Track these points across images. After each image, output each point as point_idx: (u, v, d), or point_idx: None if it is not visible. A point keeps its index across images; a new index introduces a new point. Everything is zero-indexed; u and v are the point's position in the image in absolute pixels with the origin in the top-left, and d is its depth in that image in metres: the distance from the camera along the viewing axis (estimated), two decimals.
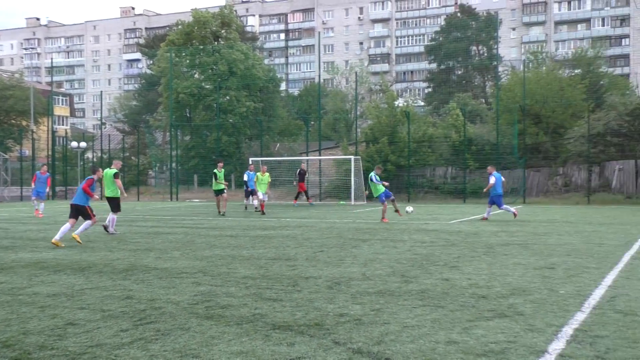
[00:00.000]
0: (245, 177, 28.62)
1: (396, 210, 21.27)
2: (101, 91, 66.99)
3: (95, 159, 54.35)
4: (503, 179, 21.73)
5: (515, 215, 20.82)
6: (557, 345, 5.76)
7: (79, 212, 14.58)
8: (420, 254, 12.16)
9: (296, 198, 32.29)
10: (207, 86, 53.54)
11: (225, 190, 25.11)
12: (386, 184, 20.85)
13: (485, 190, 22.05)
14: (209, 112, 53.17)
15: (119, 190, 17.34)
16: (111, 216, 17.14)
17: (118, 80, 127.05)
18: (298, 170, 32.56)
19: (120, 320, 7.03)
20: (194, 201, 38.49)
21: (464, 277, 9.42)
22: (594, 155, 32.40)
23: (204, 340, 6.14)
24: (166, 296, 8.33)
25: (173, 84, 49.01)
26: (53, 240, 14.02)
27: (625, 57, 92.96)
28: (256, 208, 26.87)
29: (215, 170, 25.19)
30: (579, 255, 11.85)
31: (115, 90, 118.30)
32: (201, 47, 54.46)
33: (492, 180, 20.95)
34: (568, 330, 6.28)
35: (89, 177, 15.09)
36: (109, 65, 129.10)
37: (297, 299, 7.99)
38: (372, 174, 20.90)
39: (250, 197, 28.39)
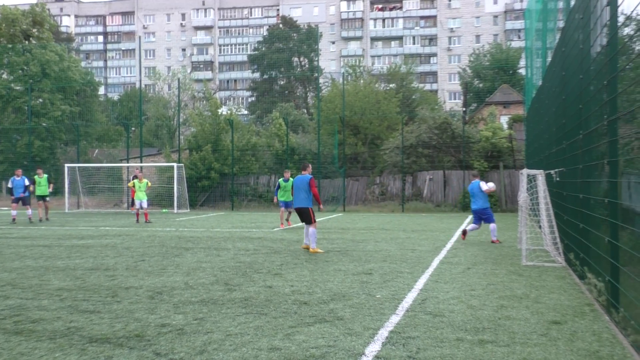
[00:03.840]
0: (10, 184, 24.96)
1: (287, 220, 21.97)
2: None
3: None
4: (483, 186, 16.18)
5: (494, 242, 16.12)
6: (374, 348, 6.04)
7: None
8: (244, 262, 12.21)
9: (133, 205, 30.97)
10: (17, 87, 50.16)
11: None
12: None
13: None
14: (19, 114, 49.82)
15: None
16: None
17: None
18: (132, 176, 31.43)
19: None
20: (2, 209, 35.79)
21: (287, 284, 9.59)
22: (407, 166, 34.26)
23: (12, 357, 5.77)
24: None
25: None
26: None
27: (434, 74, 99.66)
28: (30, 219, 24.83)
29: (35, 176, 25.65)
30: (394, 261, 12.50)
31: None
32: (10, 45, 50.91)
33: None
34: (384, 333, 6.60)
35: None
36: None
37: (117, 310, 7.72)
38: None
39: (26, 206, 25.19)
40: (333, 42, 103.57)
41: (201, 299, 8.47)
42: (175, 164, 33.84)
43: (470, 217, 27.32)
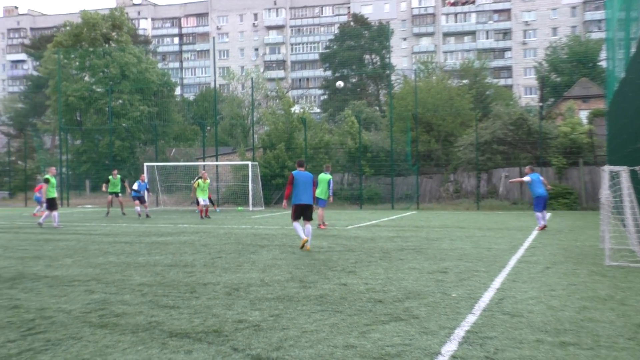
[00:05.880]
0: (136, 186, 28.05)
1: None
2: None
3: None
4: (542, 178, 19.50)
5: (541, 228, 18.83)
6: (450, 347, 5.95)
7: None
8: (319, 260, 12.26)
9: (213, 204, 31.57)
10: (99, 89, 51.97)
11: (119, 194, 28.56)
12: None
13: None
14: (100, 115, 51.64)
15: (54, 190, 21.48)
16: (52, 214, 21.28)
17: (2, 81, 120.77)
18: (197, 176, 32.15)
19: (6, 330, 6.71)
20: (86, 207, 37.15)
21: (361, 282, 9.57)
22: (482, 163, 33.70)
23: (98, 349, 5.95)
24: (57, 305, 8.01)
25: (62, 86, 47.19)
26: None
27: (509, 69, 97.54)
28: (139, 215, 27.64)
29: (110, 177, 28.46)
30: (470, 259, 12.30)
31: None
32: (91, 49, 52.79)
33: (525, 179, 19.40)
34: (460, 332, 6.50)
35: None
36: None
37: (195, 306, 7.88)
38: (331, 177, 20.86)
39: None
40: (404, 39, 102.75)
41: (277, 295, 8.55)
42: (249, 163, 34.28)
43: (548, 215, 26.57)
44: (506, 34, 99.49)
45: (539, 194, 18.95)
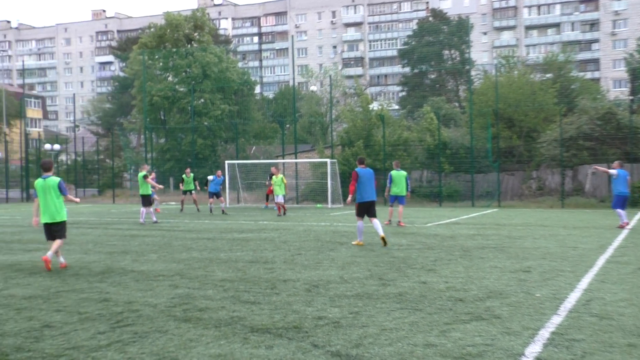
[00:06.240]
0: (210, 178, 29.15)
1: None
2: (74, 94, 66.34)
3: (69, 162, 53.88)
4: (629, 177, 19.29)
5: (622, 226, 18.48)
6: (534, 349, 5.82)
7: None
8: (398, 257, 12.20)
9: (267, 200, 32.39)
10: (181, 89, 53.22)
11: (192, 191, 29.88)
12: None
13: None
14: (183, 114, 52.88)
15: (149, 188, 22.29)
16: (142, 209, 22.07)
17: (91, 82, 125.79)
18: (270, 173, 32.67)
19: (97, 322, 6.99)
20: (170, 204, 38.21)
21: (441, 280, 9.47)
22: (567, 159, 32.69)
23: (182, 342, 6.13)
24: (143, 299, 8.29)
25: (147, 86, 48.64)
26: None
27: (596, 61, 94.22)
28: (223, 210, 28.35)
29: (184, 175, 30.09)
30: (554, 258, 11.96)
31: (88, 93, 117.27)
32: (174, 49, 54.12)
33: (612, 171, 19.17)
34: (545, 334, 6.34)
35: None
36: (81, 68, 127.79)
37: (276, 302, 7.99)
38: (406, 174, 20.79)
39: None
40: (485, 33, 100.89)
41: (356, 293, 8.57)
42: (328, 160, 34.40)
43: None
44: (593, 25, 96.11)
45: (621, 191, 18.82)
